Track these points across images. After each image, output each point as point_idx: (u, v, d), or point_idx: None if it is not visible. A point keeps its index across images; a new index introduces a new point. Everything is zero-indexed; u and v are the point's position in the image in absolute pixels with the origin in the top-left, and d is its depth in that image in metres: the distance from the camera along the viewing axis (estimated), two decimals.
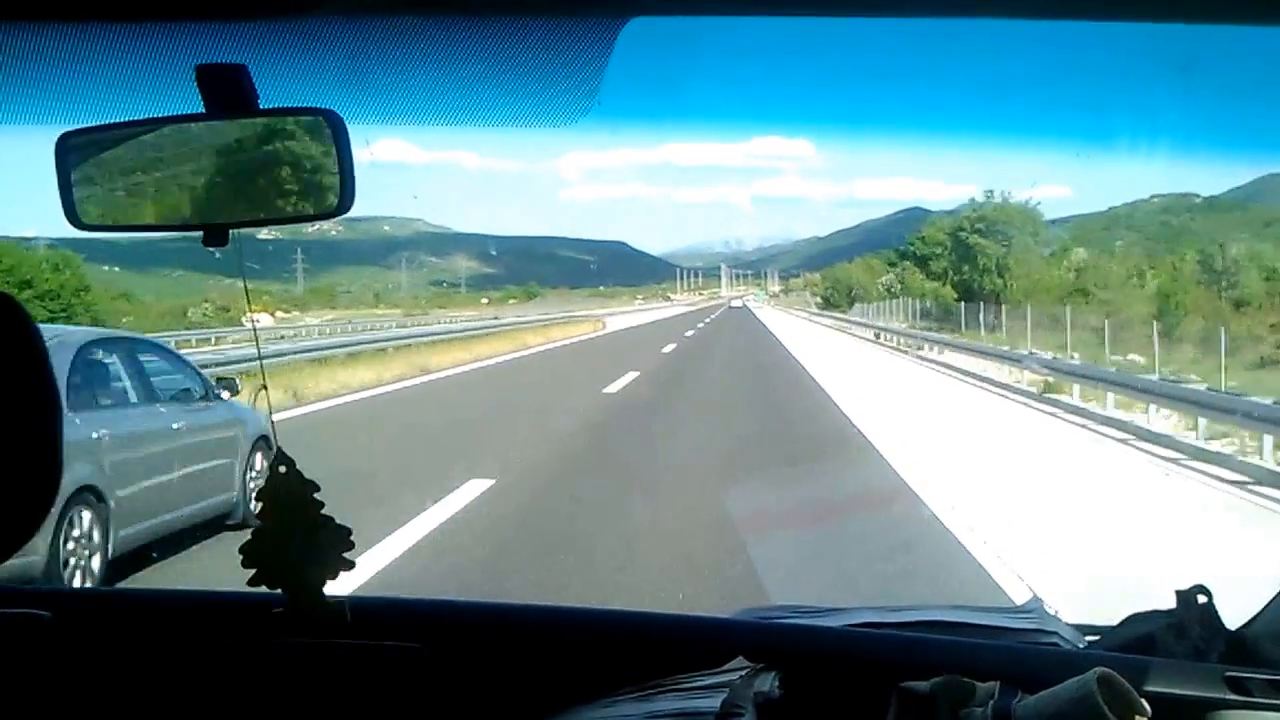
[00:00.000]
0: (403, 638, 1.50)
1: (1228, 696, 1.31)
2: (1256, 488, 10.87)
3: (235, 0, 1.23)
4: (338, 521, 1.44)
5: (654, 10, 1.32)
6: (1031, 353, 23.98)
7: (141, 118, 1.33)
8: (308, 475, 1.43)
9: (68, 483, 5.61)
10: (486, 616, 1.69)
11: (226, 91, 1.26)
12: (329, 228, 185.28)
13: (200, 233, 1.34)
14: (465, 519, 8.54)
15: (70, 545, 6.34)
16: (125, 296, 69.75)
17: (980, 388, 21.69)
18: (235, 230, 1.35)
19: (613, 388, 19.66)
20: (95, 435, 6.83)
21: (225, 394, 8.67)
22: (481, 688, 1.49)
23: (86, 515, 6.55)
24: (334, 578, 1.43)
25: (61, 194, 1.30)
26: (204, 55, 1.24)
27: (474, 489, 9.50)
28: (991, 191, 63.47)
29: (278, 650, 1.46)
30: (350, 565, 1.44)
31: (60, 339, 7.07)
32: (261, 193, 1.36)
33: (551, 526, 8.67)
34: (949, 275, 61.32)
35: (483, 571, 7.19)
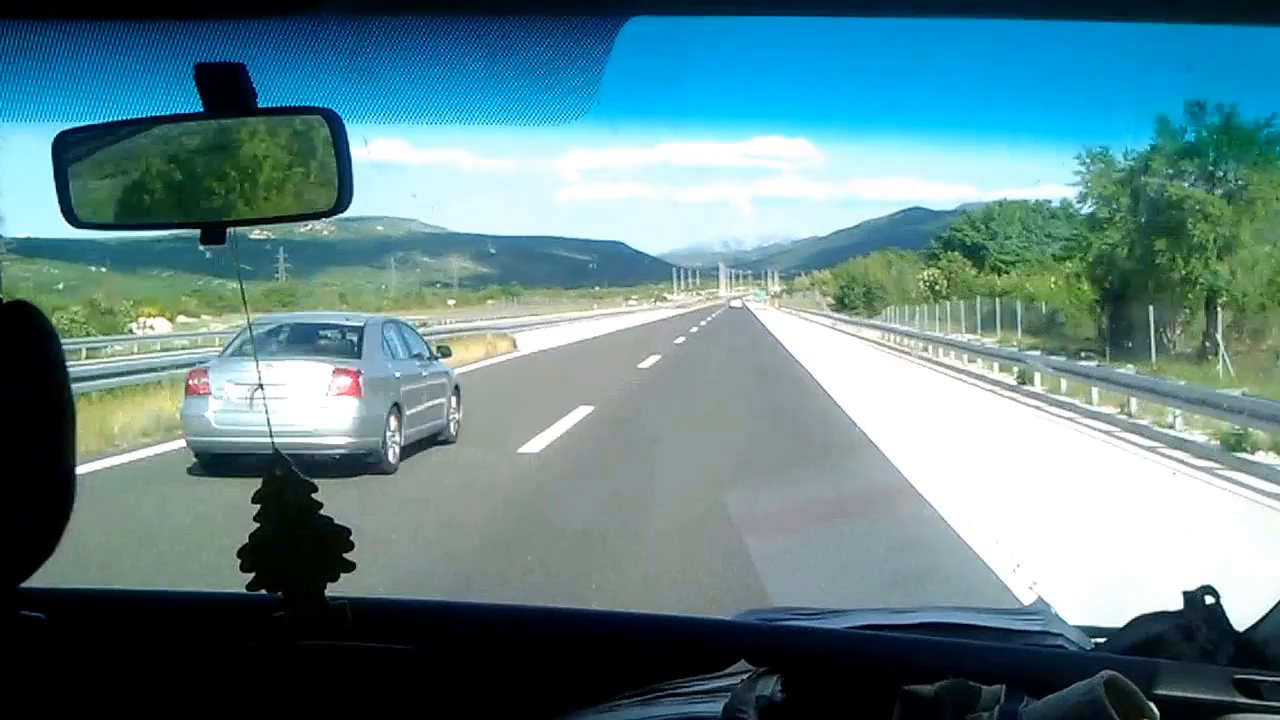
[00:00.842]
0: (401, 640, 1.49)
1: (1237, 699, 1.30)
2: None
3: (235, 0, 1.22)
4: (336, 523, 1.43)
5: (653, 10, 1.32)
6: None
7: (140, 116, 1.33)
8: None
9: (390, 399, 11.23)
10: (485, 619, 1.68)
11: (225, 90, 1.25)
12: (321, 228, 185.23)
13: (195, 231, 1.33)
14: None
15: (389, 435, 11.32)
16: None
17: None
18: (231, 229, 1.34)
19: None
20: (396, 375, 12.03)
21: (441, 358, 14.00)
22: (480, 691, 1.48)
23: (394, 420, 11.47)
24: (335, 579, 1.42)
25: (58, 192, 1.29)
26: (202, 54, 1.24)
27: None
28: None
29: (274, 652, 1.45)
30: (351, 566, 1.42)
31: (370, 319, 13.28)
32: (259, 192, 1.35)
33: None
34: (1116, 252, 29.36)
35: None
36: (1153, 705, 1.15)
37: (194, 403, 11.08)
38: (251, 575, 1.42)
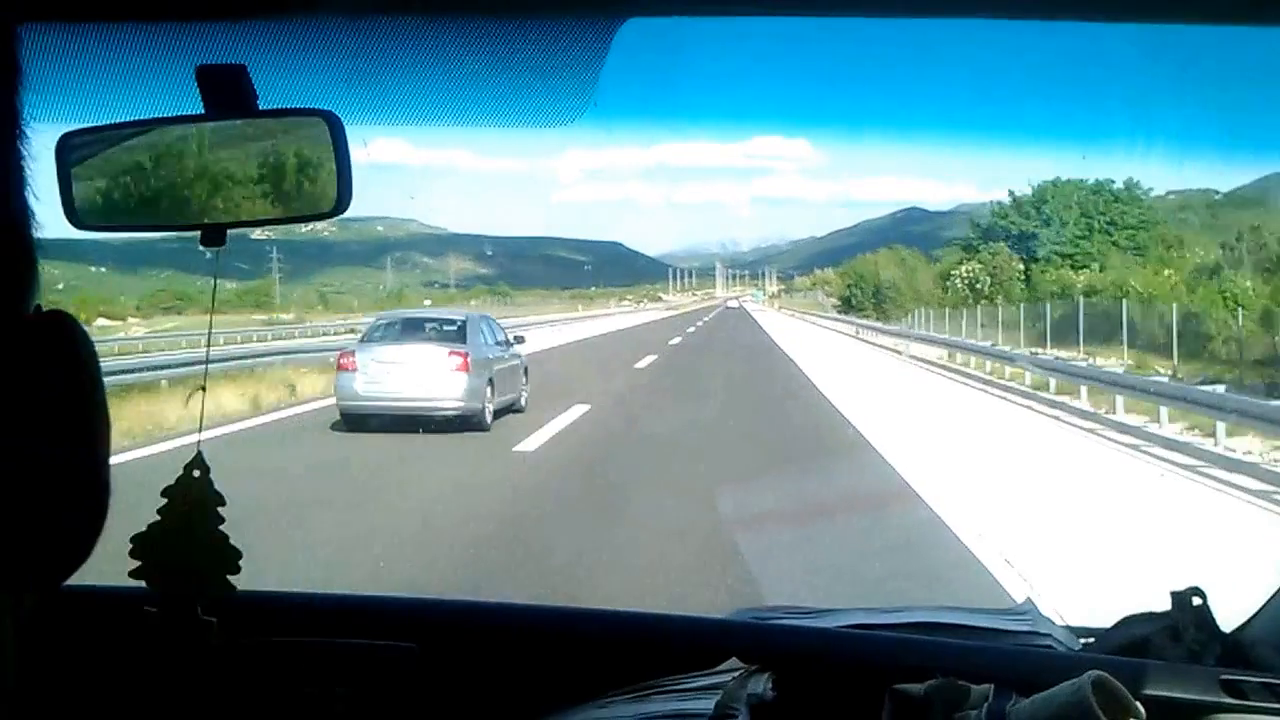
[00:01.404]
0: (395, 636, 1.50)
1: (1224, 700, 1.31)
2: None
3: (235, 1, 1.23)
4: (233, 544, 1.40)
5: (651, 10, 1.32)
6: None
7: (142, 118, 1.34)
8: None
9: (486, 375, 15.09)
10: (479, 616, 1.69)
11: (226, 92, 1.26)
12: (322, 229, 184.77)
13: (196, 232, 1.34)
14: None
15: (486, 402, 14.88)
16: None
17: None
18: (232, 230, 1.35)
19: None
20: (489, 356, 15.62)
21: (517, 345, 17.74)
22: (474, 687, 1.49)
23: (488, 391, 15.06)
24: (209, 597, 1.38)
25: (62, 193, 1.30)
26: (204, 56, 1.24)
27: None
28: None
29: (267, 648, 1.46)
30: (232, 589, 1.39)
31: (469, 315, 17.38)
32: (260, 193, 1.36)
33: None
34: None
35: None
36: (1139, 705, 1.16)
37: (343, 376, 15.12)
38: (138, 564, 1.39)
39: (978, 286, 47.73)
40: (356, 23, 1.30)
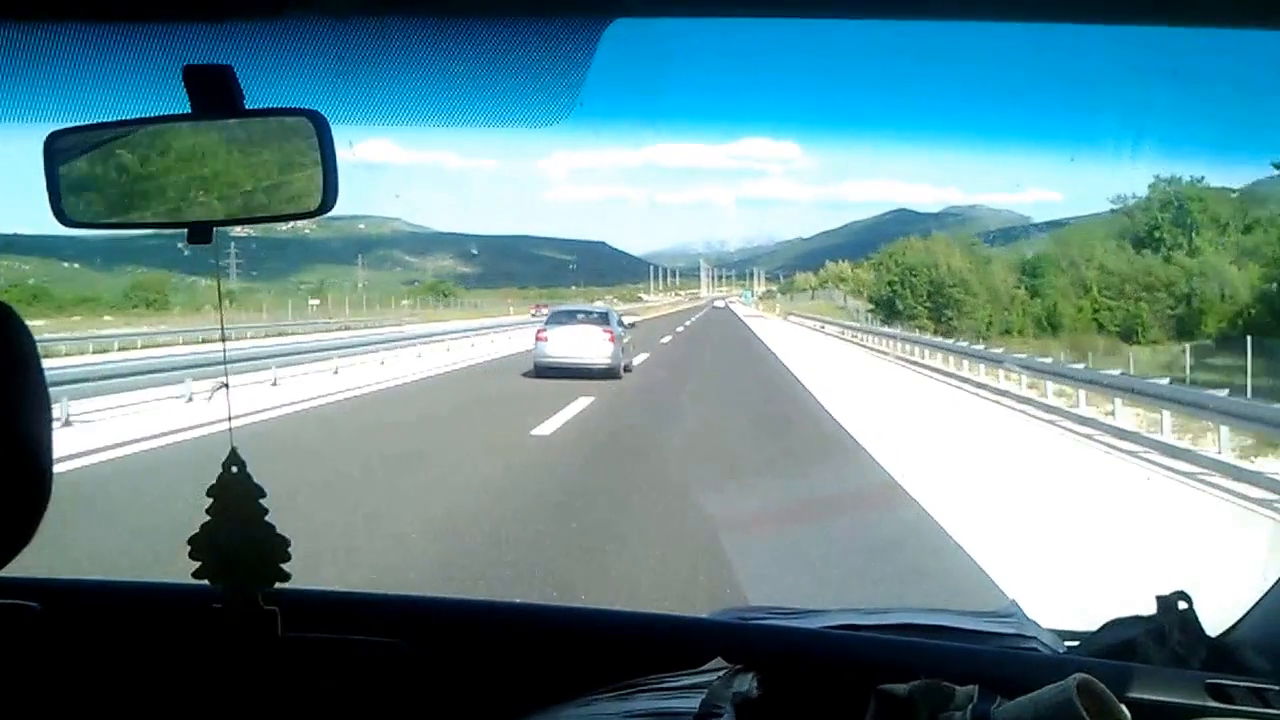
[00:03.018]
0: (382, 633, 1.50)
1: (1209, 704, 1.31)
2: None
3: (222, 1, 1.23)
4: (279, 532, 1.44)
5: (638, 11, 1.32)
6: None
7: (129, 117, 1.34)
8: None
9: (621, 346, 24.28)
10: (465, 613, 1.69)
11: (212, 92, 1.26)
12: (304, 226, 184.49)
13: (179, 230, 1.35)
14: None
15: (622, 363, 23.44)
16: None
17: None
18: (218, 228, 1.35)
19: None
20: (619, 333, 23.88)
21: (628, 326, 26.93)
22: (460, 685, 1.49)
23: (622, 356, 23.56)
24: (268, 586, 1.43)
25: (49, 192, 1.31)
26: (191, 56, 1.25)
27: None
28: None
29: (258, 644, 1.46)
30: (286, 576, 1.43)
31: (608, 309, 29.42)
32: (246, 192, 1.37)
33: None
34: None
35: None
36: (1124, 708, 1.16)
37: (540, 344, 23.65)
38: (199, 564, 1.44)
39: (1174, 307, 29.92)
40: (343, 23, 1.30)
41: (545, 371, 22.59)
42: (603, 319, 24.33)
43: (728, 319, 70.73)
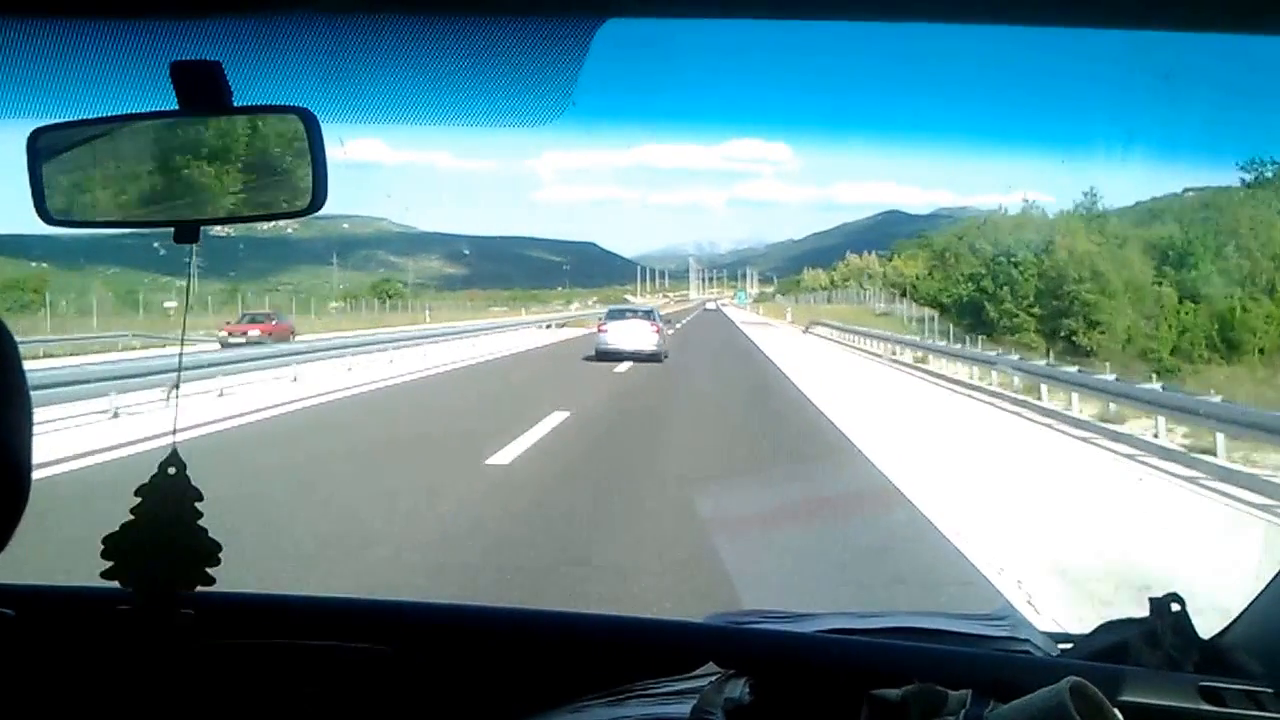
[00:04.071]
0: (371, 639, 1.49)
1: (1202, 707, 1.31)
2: None
3: None
4: (212, 536, 1.41)
5: (631, 12, 1.32)
6: None
7: (115, 114, 1.32)
8: None
9: (664, 337, 32.20)
10: (452, 618, 1.67)
11: (201, 88, 1.25)
12: (285, 225, 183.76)
13: (158, 229, 1.33)
14: None
15: (664, 350, 30.09)
16: None
17: None
18: (206, 227, 1.34)
19: None
20: (661, 327, 31.47)
21: (663, 323, 33.93)
22: (447, 691, 1.48)
23: (664, 344, 30.68)
24: (189, 589, 1.39)
25: (32, 189, 1.29)
26: (178, 52, 1.23)
27: None
28: None
29: (234, 650, 1.45)
30: (210, 580, 1.40)
31: (652, 307, 39.04)
32: (234, 190, 1.35)
33: None
34: None
35: None
36: (1118, 712, 1.15)
37: (600, 336, 29.73)
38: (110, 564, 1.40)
39: None
40: (334, 20, 1.29)
41: (605, 355, 28.62)
42: (648, 315, 31.92)
43: (716, 312, 64.34)
